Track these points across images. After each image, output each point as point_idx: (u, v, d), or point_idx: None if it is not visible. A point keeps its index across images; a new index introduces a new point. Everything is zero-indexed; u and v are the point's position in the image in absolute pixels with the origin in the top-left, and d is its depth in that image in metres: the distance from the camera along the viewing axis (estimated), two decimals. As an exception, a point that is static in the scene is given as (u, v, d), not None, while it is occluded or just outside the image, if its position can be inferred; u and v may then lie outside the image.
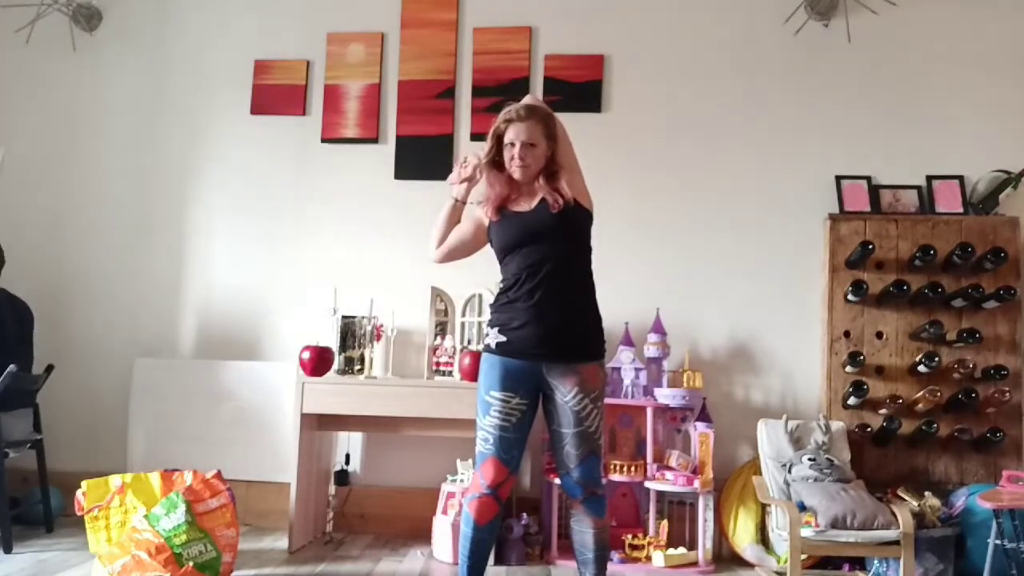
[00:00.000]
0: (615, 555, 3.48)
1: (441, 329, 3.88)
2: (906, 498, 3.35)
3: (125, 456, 4.04)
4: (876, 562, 3.28)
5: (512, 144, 2.54)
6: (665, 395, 3.67)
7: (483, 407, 2.51)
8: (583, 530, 2.52)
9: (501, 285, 2.60)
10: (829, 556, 3.41)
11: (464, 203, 2.71)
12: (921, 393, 3.59)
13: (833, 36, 4.06)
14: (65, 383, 4.09)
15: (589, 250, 2.62)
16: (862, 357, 3.69)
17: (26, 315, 3.92)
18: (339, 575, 3.27)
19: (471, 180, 2.67)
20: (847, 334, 3.80)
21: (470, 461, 3.54)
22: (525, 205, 2.58)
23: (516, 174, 2.56)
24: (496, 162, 2.60)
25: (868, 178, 3.95)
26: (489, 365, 2.53)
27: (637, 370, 3.76)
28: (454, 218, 2.72)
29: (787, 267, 3.98)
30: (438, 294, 3.90)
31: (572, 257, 2.56)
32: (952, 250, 3.67)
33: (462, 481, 3.57)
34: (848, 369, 3.72)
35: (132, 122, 4.37)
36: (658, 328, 3.81)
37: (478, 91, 4.20)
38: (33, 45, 4.42)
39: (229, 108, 4.32)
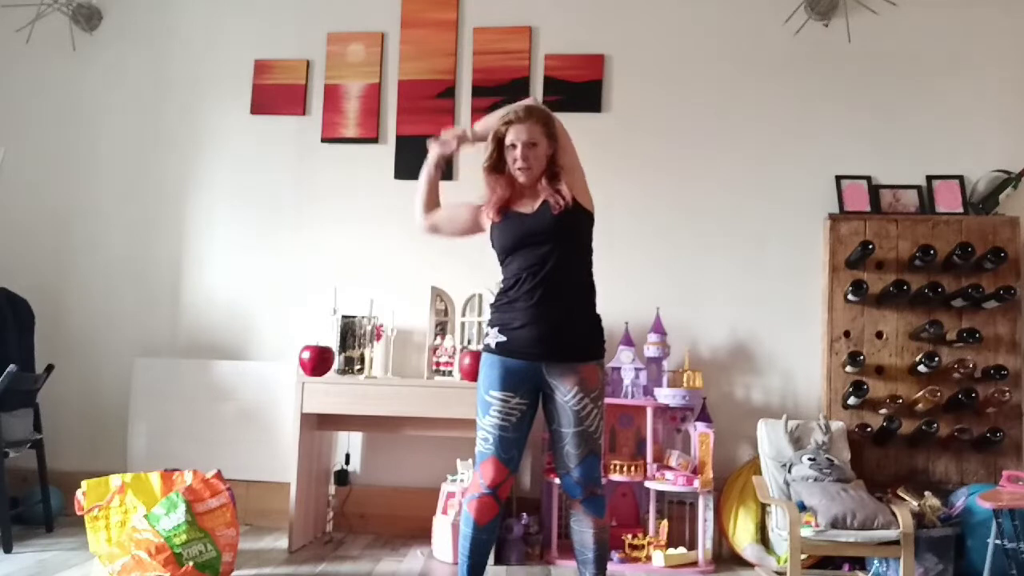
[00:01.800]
0: (615, 555, 3.48)
1: (441, 329, 3.88)
2: (906, 498, 3.35)
3: (125, 456, 4.04)
4: (876, 562, 3.28)
5: (513, 145, 2.53)
6: (665, 395, 3.67)
7: (483, 407, 2.51)
8: (583, 530, 2.52)
9: (501, 285, 2.60)
10: (829, 556, 3.41)
11: (441, 160, 2.76)
12: (921, 393, 3.59)
13: (833, 36, 4.06)
14: (65, 383, 4.09)
15: (590, 251, 2.62)
16: (862, 357, 3.69)
17: (26, 314, 3.92)
18: (339, 575, 3.27)
19: (452, 147, 2.73)
20: (847, 334, 3.80)
21: (470, 461, 3.54)
22: (527, 207, 2.57)
23: (519, 176, 2.56)
24: (496, 165, 2.59)
25: (868, 178, 3.95)
26: (489, 365, 2.53)
27: (637, 370, 3.76)
28: (435, 180, 2.76)
29: (787, 267, 3.98)
30: (438, 294, 3.90)
31: (573, 258, 2.56)
32: (952, 250, 3.67)
33: (462, 481, 3.57)
34: (848, 369, 3.72)
35: (132, 122, 4.37)
36: (658, 328, 3.81)
37: (478, 91, 4.20)
38: (33, 45, 4.42)
39: (229, 108, 4.32)
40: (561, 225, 2.52)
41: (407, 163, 4.19)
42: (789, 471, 3.40)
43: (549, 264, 2.49)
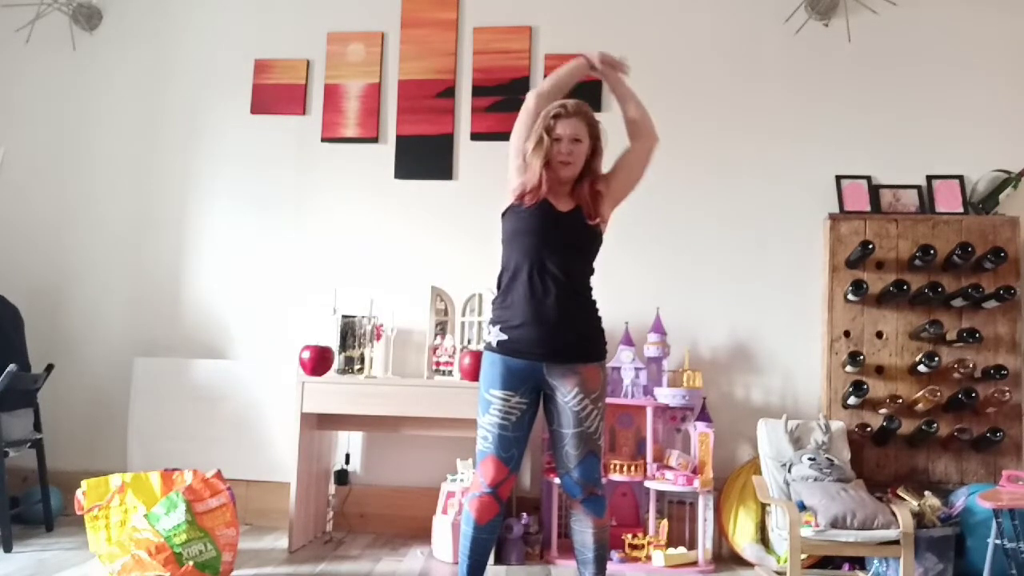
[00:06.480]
0: (615, 555, 3.48)
1: (441, 329, 3.88)
2: (906, 498, 3.35)
3: (125, 455, 4.04)
4: (876, 562, 3.28)
5: (559, 138, 2.54)
6: (665, 395, 3.67)
7: (483, 405, 2.51)
8: (583, 530, 2.52)
9: (502, 278, 2.59)
10: (829, 556, 3.41)
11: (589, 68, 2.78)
12: (921, 393, 3.59)
13: (833, 36, 4.06)
14: (65, 382, 4.10)
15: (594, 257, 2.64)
16: (862, 357, 3.69)
17: (16, 317, 3.89)
18: (339, 575, 3.27)
19: (611, 67, 2.78)
20: (847, 334, 3.80)
21: (470, 461, 3.54)
22: (562, 204, 2.58)
23: (560, 170, 2.56)
24: (541, 151, 2.55)
25: (868, 178, 3.95)
26: (490, 363, 2.53)
27: (637, 370, 3.76)
28: (572, 78, 2.77)
29: (787, 267, 3.98)
30: (438, 294, 3.90)
31: (584, 265, 2.59)
32: (952, 250, 3.67)
33: (462, 481, 3.57)
34: (848, 369, 3.72)
35: (132, 122, 4.37)
36: (658, 328, 3.81)
37: (478, 91, 4.20)
38: (33, 45, 4.42)
39: (229, 108, 4.32)
40: (587, 234, 2.56)
41: (407, 163, 4.20)
42: (789, 471, 3.40)
43: (558, 265, 2.50)
